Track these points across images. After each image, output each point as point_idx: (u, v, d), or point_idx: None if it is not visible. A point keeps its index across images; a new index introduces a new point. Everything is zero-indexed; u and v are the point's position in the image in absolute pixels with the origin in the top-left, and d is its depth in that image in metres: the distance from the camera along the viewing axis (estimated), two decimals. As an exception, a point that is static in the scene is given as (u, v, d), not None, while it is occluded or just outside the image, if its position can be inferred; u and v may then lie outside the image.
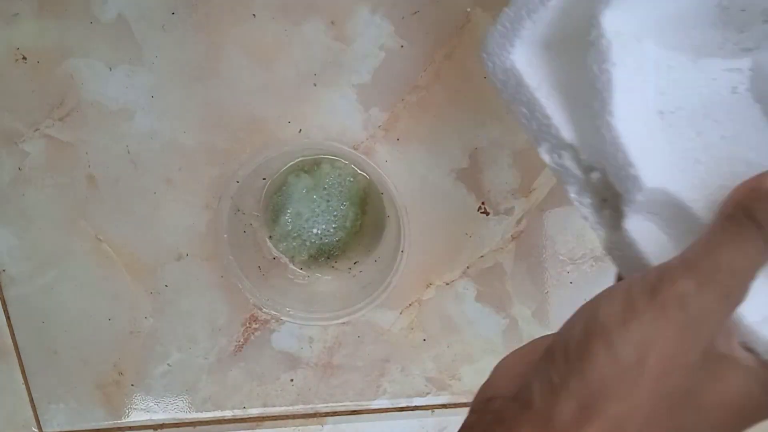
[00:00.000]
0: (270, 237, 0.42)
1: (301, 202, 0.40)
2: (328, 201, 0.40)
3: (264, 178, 0.40)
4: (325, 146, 0.39)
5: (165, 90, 0.39)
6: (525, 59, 0.31)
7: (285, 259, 0.42)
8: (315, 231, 0.41)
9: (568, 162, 0.30)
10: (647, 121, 0.28)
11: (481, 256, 0.43)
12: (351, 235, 0.41)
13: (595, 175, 0.29)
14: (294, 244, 0.41)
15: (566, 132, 0.29)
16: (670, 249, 0.27)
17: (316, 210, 0.40)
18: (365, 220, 0.42)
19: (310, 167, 0.41)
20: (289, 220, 0.40)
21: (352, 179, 0.41)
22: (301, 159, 0.41)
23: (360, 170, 0.41)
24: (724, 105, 0.28)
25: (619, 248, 0.28)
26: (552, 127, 0.30)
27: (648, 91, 0.28)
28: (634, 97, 0.28)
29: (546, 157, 0.30)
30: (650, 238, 0.28)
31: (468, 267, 0.44)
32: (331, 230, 0.41)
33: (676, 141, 0.28)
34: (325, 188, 0.40)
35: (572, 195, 0.30)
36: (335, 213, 0.40)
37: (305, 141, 0.40)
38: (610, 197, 0.28)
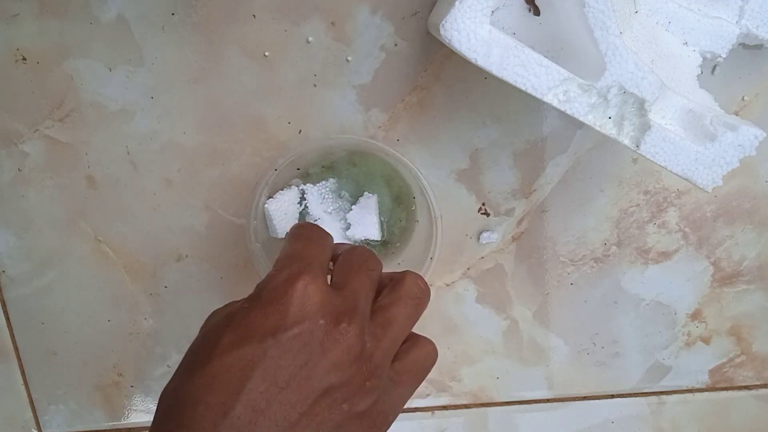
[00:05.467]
0: None
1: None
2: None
3: (298, 168, 0.39)
4: (368, 145, 0.38)
5: (165, 91, 0.39)
6: (495, 24, 0.33)
7: None
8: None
9: (576, 95, 0.33)
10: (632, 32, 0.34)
11: (482, 257, 0.43)
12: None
13: (612, 92, 0.33)
14: None
15: (567, 69, 0.32)
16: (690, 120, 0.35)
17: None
18: (395, 224, 0.41)
19: (345, 165, 0.39)
20: (311, 216, 0.39)
21: (386, 183, 0.40)
22: (335, 155, 0.39)
23: (398, 174, 0.39)
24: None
25: (655, 143, 0.33)
26: (552, 69, 0.32)
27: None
28: (624, 15, 0.33)
29: (555, 102, 0.33)
30: (674, 119, 0.35)
31: (468, 268, 0.43)
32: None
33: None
34: (352, 192, 0.39)
35: (593, 122, 0.33)
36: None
37: (347, 137, 0.39)
38: (631, 104, 0.33)
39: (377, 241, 0.39)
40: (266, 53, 0.39)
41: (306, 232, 0.30)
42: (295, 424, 0.24)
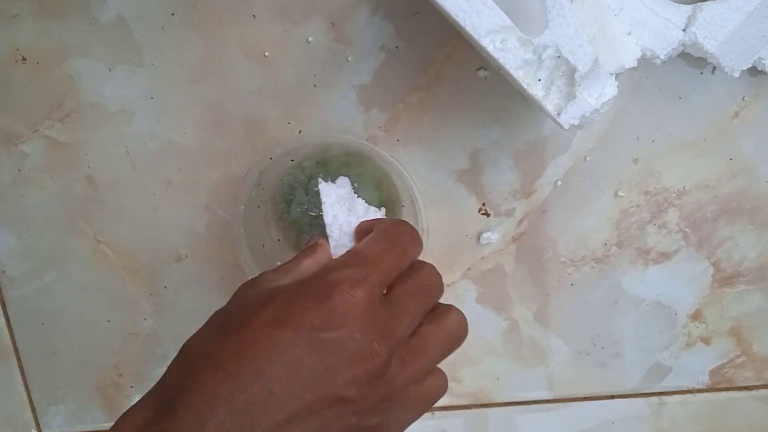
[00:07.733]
0: (279, 219, 0.41)
1: (316, 196, 0.39)
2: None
3: (292, 160, 0.39)
4: (366, 148, 0.38)
5: (165, 91, 0.39)
6: None
7: (288, 245, 0.42)
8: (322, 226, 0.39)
9: (513, 47, 0.32)
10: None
11: (482, 258, 0.43)
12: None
13: (548, 53, 0.32)
14: (298, 233, 0.40)
15: (508, 19, 0.32)
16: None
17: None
18: None
19: (338, 164, 0.39)
20: (298, 209, 0.40)
21: (376, 187, 0.40)
22: (330, 152, 0.39)
23: (390, 180, 0.39)
24: None
25: (573, 114, 0.32)
26: (495, 13, 0.31)
27: None
28: None
29: (491, 47, 0.32)
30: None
31: (468, 269, 0.43)
32: None
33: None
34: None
35: (523, 78, 0.32)
36: None
37: (347, 137, 0.39)
38: (563, 72, 0.32)
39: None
40: (266, 53, 0.39)
41: (394, 235, 0.30)
42: (302, 419, 0.24)
